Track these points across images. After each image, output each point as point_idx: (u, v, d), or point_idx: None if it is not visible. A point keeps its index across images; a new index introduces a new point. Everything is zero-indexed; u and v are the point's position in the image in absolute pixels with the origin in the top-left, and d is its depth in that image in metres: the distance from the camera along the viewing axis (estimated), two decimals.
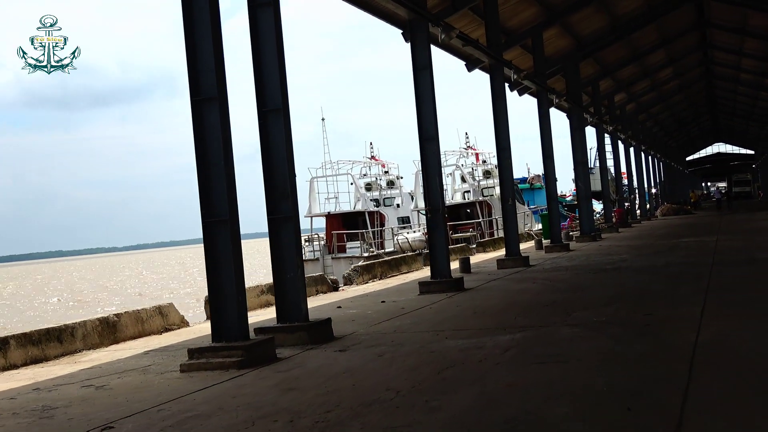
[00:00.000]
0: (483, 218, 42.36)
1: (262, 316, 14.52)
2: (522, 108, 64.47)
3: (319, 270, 42.14)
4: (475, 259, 28.74)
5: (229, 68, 9.51)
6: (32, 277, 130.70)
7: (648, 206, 69.01)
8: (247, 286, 10.16)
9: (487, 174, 46.74)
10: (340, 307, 15.14)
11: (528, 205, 52.09)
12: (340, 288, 20.18)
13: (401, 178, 48.45)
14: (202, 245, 9.64)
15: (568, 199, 65.60)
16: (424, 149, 16.93)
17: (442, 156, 45.51)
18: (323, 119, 48.86)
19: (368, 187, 48.00)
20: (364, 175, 47.85)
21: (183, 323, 14.24)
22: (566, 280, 17.28)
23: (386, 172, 48.31)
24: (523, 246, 34.79)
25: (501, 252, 30.85)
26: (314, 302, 16.59)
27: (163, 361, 10.12)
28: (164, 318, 13.71)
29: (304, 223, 44.93)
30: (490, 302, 13.97)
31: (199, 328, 13.98)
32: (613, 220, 45.44)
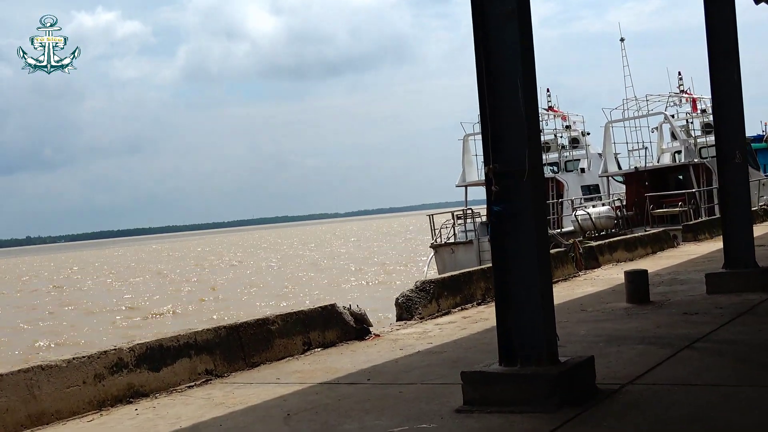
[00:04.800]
0: (700, 187, 30.18)
1: None
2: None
3: (472, 258, 31.95)
4: (675, 256, 17.48)
5: None
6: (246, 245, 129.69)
7: None
8: None
9: (708, 127, 34.11)
10: None
11: (765, 171, 38.55)
12: (371, 334, 10.08)
13: (588, 134, 36.93)
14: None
15: None
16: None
17: (642, 102, 33.79)
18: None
19: (546, 148, 37.00)
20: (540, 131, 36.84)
21: None
22: None
23: (568, 127, 36.95)
24: (757, 233, 22.90)
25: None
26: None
27: None
28: None
29: (457, 195, 34.88)
30: None
31: None
32: None
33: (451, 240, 32.06)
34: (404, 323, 10.93)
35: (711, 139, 33.99)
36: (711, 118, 35.24)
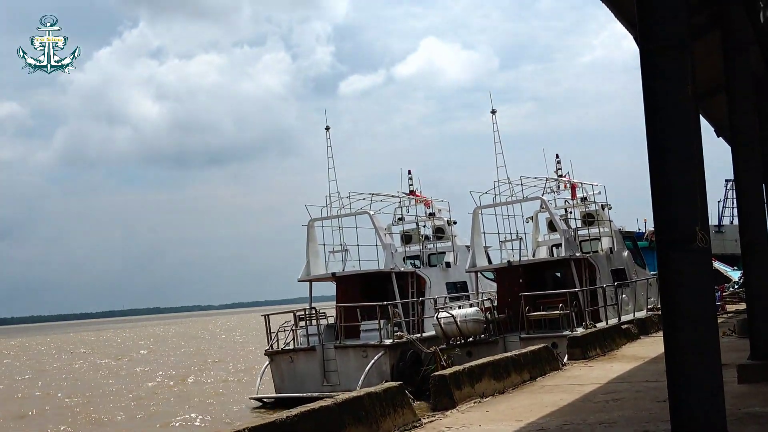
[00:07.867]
0: (583, 286, 25.36)
1: None
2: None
3: (315, 369, 26.01)
4: (562, 388, 12.10)
5: None
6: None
7: None
8: None
9: (588, 218, 29.79)
10: None
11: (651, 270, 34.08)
12: None
13: (455, 223, 32.00)
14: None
15: None
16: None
17: (517, 186, 28.93)
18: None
19: (407, 238, 31.87)
20: (399, 219, 31.73)
21: None
22: None
23: (432, 214, 31.97)
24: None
25: (626, 366, 14.26)
26: None
27: None
28: None
29: (299, 291, 29.15)
30: None
31: None
32: None
33: (291, 346, 26.19)
34: None
35: (594, 231, 29.73)
36: (592, 206, 31.24)
